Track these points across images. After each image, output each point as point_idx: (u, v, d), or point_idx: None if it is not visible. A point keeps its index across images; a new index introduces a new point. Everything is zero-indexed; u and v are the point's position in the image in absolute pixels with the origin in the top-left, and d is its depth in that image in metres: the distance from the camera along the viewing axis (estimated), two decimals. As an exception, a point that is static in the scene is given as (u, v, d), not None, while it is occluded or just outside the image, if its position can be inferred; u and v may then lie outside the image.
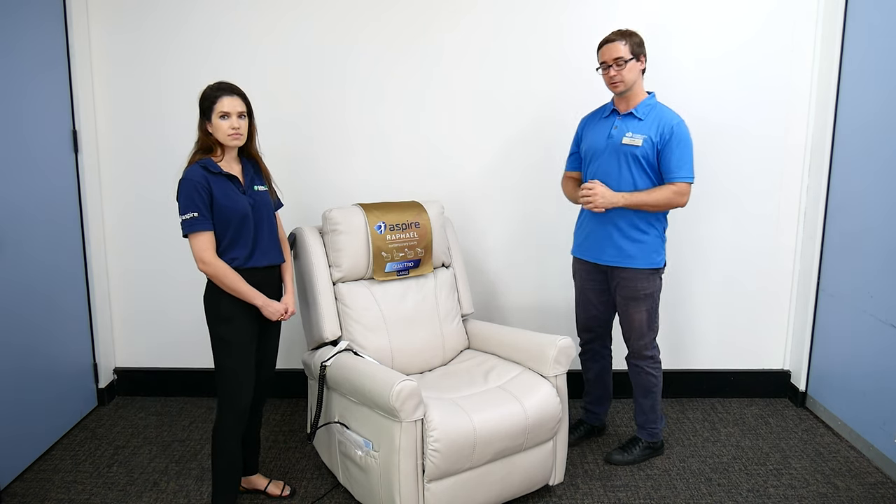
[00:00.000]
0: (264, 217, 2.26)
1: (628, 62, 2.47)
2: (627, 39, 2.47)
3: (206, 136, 2.19)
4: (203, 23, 3.06)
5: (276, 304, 2.26)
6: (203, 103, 2.18)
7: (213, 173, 2.15)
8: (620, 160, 2.53)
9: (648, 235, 2.56)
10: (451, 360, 2.74)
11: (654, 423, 2.75)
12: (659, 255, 2.60)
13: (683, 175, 2.48)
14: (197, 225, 2.11)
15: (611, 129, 2.58)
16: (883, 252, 2.72)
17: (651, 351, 2.68)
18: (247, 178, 2.26)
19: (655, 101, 2.57)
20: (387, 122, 3.15)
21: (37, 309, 2.76)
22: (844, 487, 2.59)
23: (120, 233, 3.23)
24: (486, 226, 3.25)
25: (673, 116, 2.51)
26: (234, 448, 2.25)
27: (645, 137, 2.49)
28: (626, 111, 2.56)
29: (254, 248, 2.22)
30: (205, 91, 2.19)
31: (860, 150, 2.88)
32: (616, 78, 2.49)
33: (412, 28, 3.07)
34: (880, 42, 2.75)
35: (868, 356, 2.81)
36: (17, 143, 2.65)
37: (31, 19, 2.73)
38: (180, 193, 2.12)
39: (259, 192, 2.27)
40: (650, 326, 2.65)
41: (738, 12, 3.07)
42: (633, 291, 2.60)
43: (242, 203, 2.19)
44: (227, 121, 2.16)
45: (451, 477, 2.20)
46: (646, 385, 2.71)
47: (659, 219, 2.58)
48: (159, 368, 3.35)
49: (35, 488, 2.56)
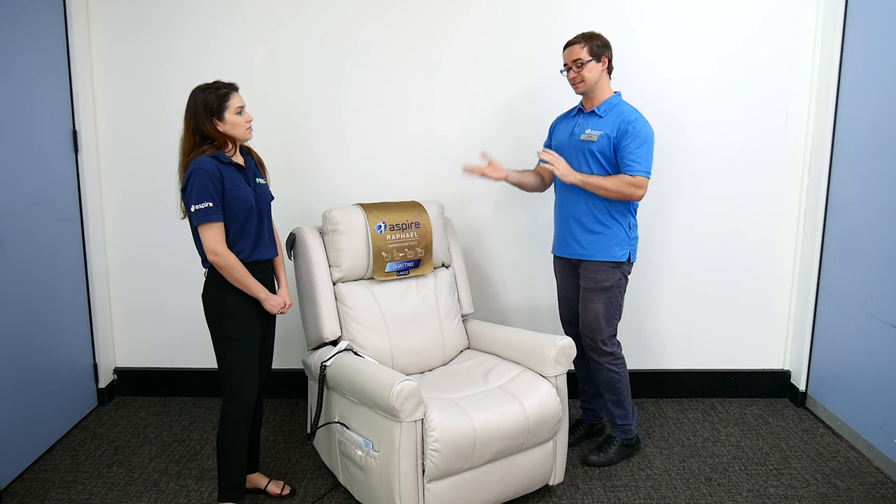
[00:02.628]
0: (265, 210, 2.28)
1: (586, 63, 2.55)
2: (587, 42, 2.56)
3: (219, 133, 2.15)
4: (203, 23, 3.06)
5: (277, 297, 2.28)
6: (211, 104, 2.13)
7: (224, 163, 2.15)
8: (579, 155, 2.62)
9: (610, 228, 2.60)
10: (451, 360, 2.74)
11: (625, 420, 2.75)
12: (621, 249, 2.62)
13: (637, 168, 2.51)
14: (210, 215, 2.09)
15: (574, 127, 2.67)
16: (883, 252, 2.72)
17: (610, 347, 2.68)
18: (249, 170, 2.27)
19: (619, 99, 2.63)
20: (387, 122, 3.14)
21: (37, 309, 2.76)
22: (844, 487, 2.59)
23: (120, 232, 3.23)
24: (486, 226, 3.25)
25: (631, 113, 2.55)
26: (241, 446, 2.25)
27: (601, 133, 2.56)
28: (589, 109, 2.65)
29: (257, 240, 2.24)
30: (205, 93, 2.14)
31: (860, 150, 2.88)
32: (577, 79, 2.59)
33: (413, 29, 3.07)
34: (880, 42, 2.75)
35: (868, 356, 2.81)
36: (18, 143, 2.65)
37: (31, 19, 2.73)
38: (193, 183, 2.09)
39: (260, 185, 2.29)
40: (608, 321, 2.65)
41: (738, 13, 3.07)
42: (591, 283, 2.64)
43: (249, 195, 2.20)
44: (242, 115, 2.18)
45: (451, 477, 2.20)
46: (608, 381, 2.71)
47: (622, 212, 2.61)
48: (159, 368, 3.35)
49: (35, 488, 2.56)
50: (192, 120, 2.15)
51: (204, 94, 2.15)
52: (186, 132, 2.17)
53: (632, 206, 2.64)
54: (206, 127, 2.14)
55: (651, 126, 2.56)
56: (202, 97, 2.15)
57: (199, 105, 2.14)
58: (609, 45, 2.60)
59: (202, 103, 2.14)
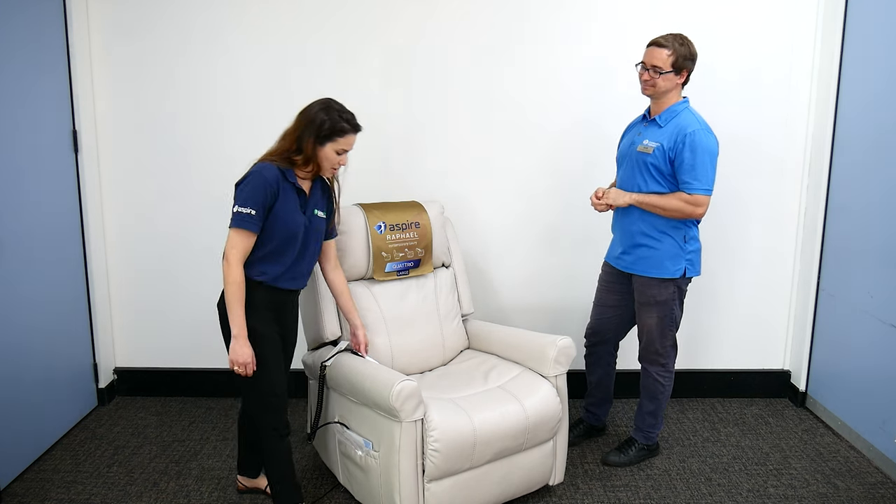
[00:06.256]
0: (310, 243, 2.18)
1: (664, 73, 2.41)
2: (676, 51, 2.40)
3: (310, 156, 2.07)
4: (203, 23, 3.05)
5: (247, 349, 2.05)
6: (323, 126, 2.04)
7: (287, 182, 2.07)
8: (635, 167, 2.52)
9: (660, 242, 2.51)
10: (452, 360, 2.74)
11: (651, 428, 2.75)
12: (674, 265, 2.52)
13: (696, 186, 2.39)
14: (248, 223, 2.01)
15: (635, 136, 2.57)
16: (883, 252, 2.72)
17: (664, 359, 2.65)
18: (312, 198, 2.17)
19: (684, 107, 2.49)
20: (387, 122, 3.14)
21: (37, 309, 2.76)
22: (844, 487, 2.59)
23: (120, 232, 3.23)
24: (487, 226, 3.25)
25: (691, 123, 2.41)
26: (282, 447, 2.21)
27: (657, 145, 2.44)
28: (653, 117, 2.53)
29: (289, 270, 2.14)
30: (329, 115, 2.05)
31: (860, 150, 2.88)
32: (648, 82, 2.46)
33: (413, 29, 3.07)
34: (881, 41, 2.75)
35: (868, 356, 2.81)
36: (18, 143, 2.65)
37: (31, 20, 2.73)
38: (247, 184, 2.01)
39: (317, 217, 2.18)
40: (662, 334, 2.61)
41: (738, 13, 3.07)
42: (644, 297, 2.59)
43: (298, 222, 2.10)
44: (340, 157, 2.10)
45: (451, 477, 2.20)
46: (652, 390, 2.69)
47: (675, 226, 2.50)
48: (159, 368, 3.35)
49: (35, 488, 2.56)
50: (300, 127, 2.07)
51: (325, 115, 2.06)
52: (290, 136, 2.08)
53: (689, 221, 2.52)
54: (305, 142, 2.05)
55: (715, 137, 2.43)
56: (322, 116, 2.05)
57: (314, 119, 2.06)
58: (695, 58, 2.45)
59: (318, 120, 2.05)
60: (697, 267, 2.60)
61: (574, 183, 3.13)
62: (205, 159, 3.14)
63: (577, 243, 3.23)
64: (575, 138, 3.15)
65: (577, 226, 3.21)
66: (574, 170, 3.16)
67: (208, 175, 3.14)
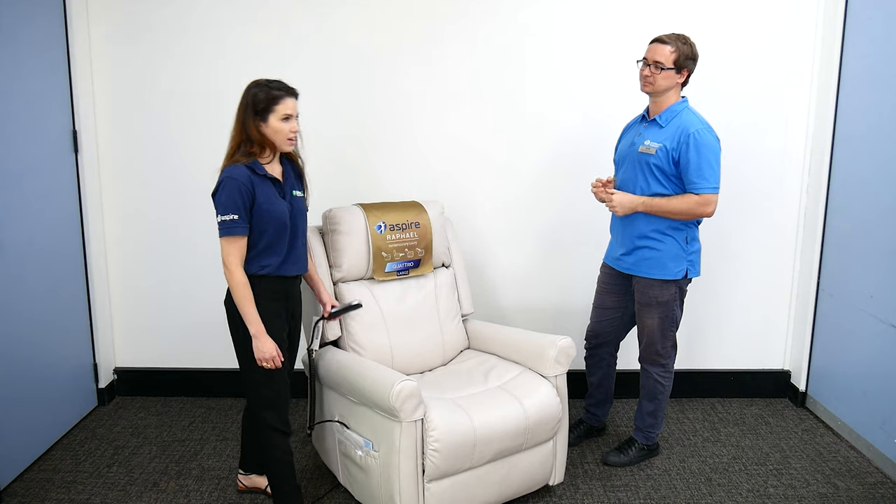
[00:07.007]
0: (299, 225, 2.20)
1: (665, 70, 2.41)
2: (678, 48, 2.40)
3: (259, 136, 2.06)
4: (203, 22, 3.05)
5: (269, 342, 2.10)
6: (259, 103, 2.03)
7: (258, 175, 2.07)
8: (637, 168, 2.51)
9: (662, 243, 2.51)
10: (451, 360, 2.74)
11: (651, 428, 2.75)
12: (676, 266, 2.52)
13: (704, 185, 2.39)
14: (235, 228, 2.03)
15: (635, 136, 2.56)
16: (883, 252, 2.72)
17: (664, 360, 2.65)
18: (287, 181, 2.18)
19: (684, 107, 2.49)
20: (387, 123, 3.14)
21: (37, 309, 2.76)
22: (844, 487, 2.59)
23: (120, 232, 3.23)
24: (486, 226, 3.25)
25: (693, 123, 2.41)
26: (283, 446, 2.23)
27: (660, 146, 2.44)
28: (652, 117, 2.52)
29: (287, 256, 2.16)
30: (258, 89, 2.04)
31: (860, 149, 2.88)
32: (648, 78, 2.45)
33: (414, 30, 3.07)
34: (881, 41, 2.75)
35: (868, 356, 2.81)
36: (17, 143, 2.65)
37: (31, 19, 2.73)
38: (222, 192, 2.03)
39: (297, 197, 2.19)
40: (663, 335, 2.61)
41: (738, 13, 3.07)
42: (644, 298, 2.59)
43: (283, 209, 2.11)
44: (288, 123, 2.07)
45: (451, 477, 2.20)
46: (652, 390, 2.69)
47: (676, 226, 2.50)
48: (159, 368, 3.35)
49: (35, 488, 2.56)
50: (241, 115, 2.07)
51: (255, 90, 2.05)
52: (236, 127, 2.09)
53: (691, 221, 2.51)
54: (249, 126, 2.05)
55: (717, 135, 2.44)
56: (253, 92, 2.05)
57: (249, 100, 2.05)
58: (696, 59, 2.45)
59: (251, 99, 2.04)
60: (698, 267, 2.60)
61: (574, 183, 3.13)
62: (205, 159, 3.12)
63: (578, 243, 3.22)
64: (576, 138, 3.15)
65: (577, 226, 3.21)
66: (575, 170, 3.16)
67: (208, 175, 3.10)
